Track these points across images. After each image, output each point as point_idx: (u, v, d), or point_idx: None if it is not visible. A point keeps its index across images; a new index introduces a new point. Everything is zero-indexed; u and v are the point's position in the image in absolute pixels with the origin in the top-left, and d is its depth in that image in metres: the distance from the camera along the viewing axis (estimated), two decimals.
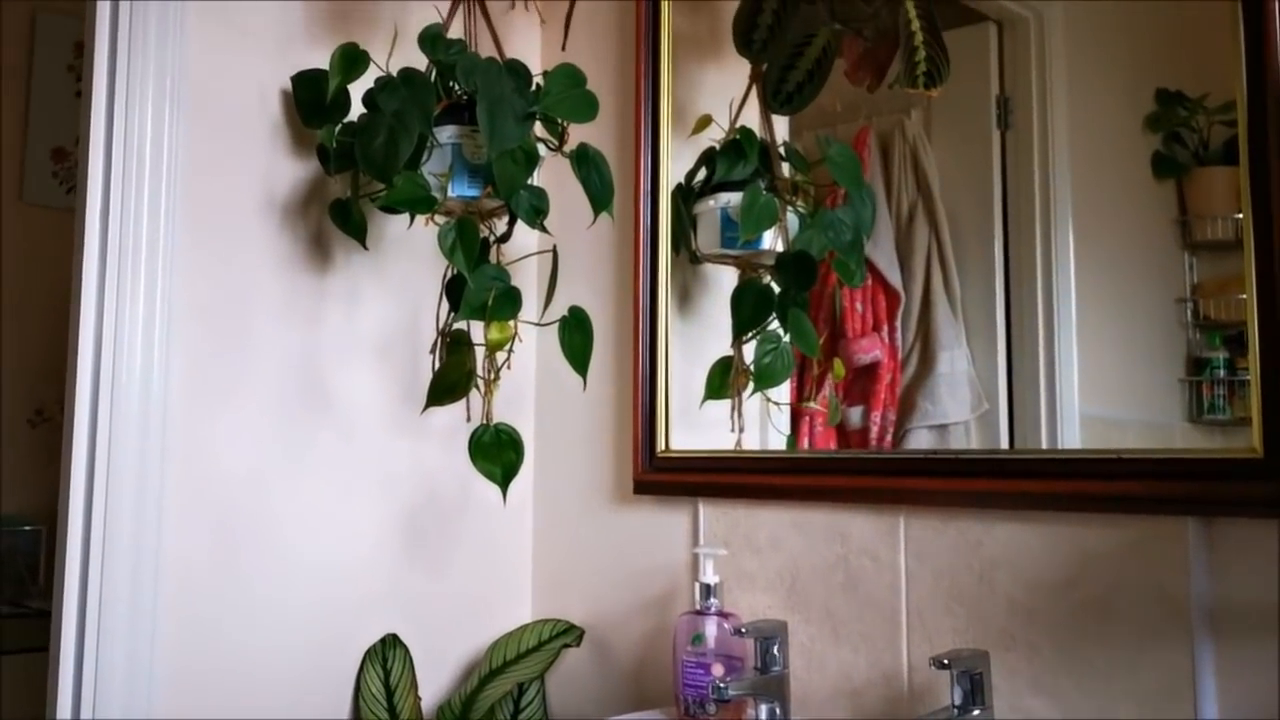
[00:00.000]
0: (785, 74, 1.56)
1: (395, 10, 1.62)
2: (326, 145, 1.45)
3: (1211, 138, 1.31)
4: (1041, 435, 1.43)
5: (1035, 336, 1.45)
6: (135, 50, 1.45)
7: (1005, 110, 1.52)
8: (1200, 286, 1.33)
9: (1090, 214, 1.43)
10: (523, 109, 1.36)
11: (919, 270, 1.57)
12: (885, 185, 1.60)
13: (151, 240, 1.44)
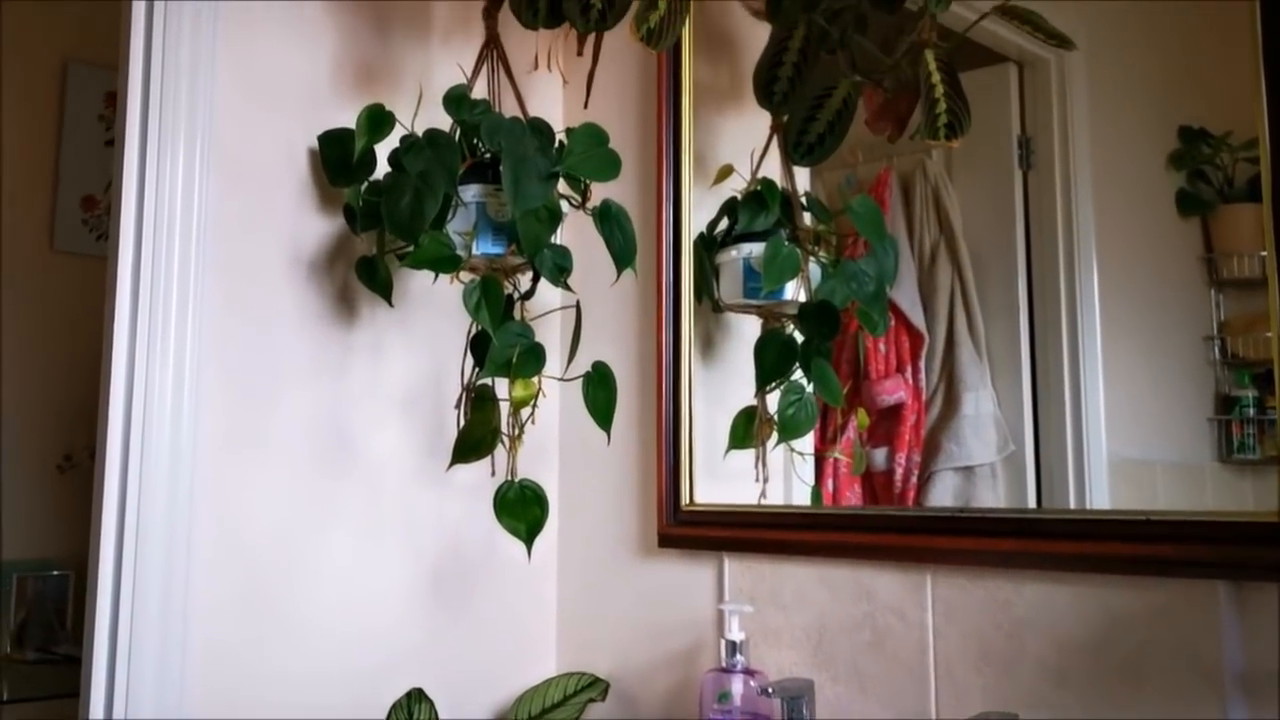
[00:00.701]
0: (806, 125, 1.57)
1: (420, 70, 1.65)
2: (353, 205, 1.48)
3: (1236, 175, 1.31)
4: (1069, 479, 1.42)
5: (1061, 377, 1.44)
6: (166, 109, 1.48)
7: (1027, 150, 1.52)
8: (1227, 324, 1.33)
9: (1115, 253, 1.43)
10: (546, 168, 1.37)
11: (942, 310, 1.57)
12: (907, 225, 1.60)
13: (181, 294, 1.47)
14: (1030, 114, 1.52)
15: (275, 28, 1.58)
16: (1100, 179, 1.44)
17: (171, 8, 1.49)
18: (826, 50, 1.60)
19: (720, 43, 1.75)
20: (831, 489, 1.60)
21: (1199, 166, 1.35)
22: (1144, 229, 1.42)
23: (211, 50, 1.52)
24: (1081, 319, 1.43)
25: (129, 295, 1.45)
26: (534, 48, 1.52)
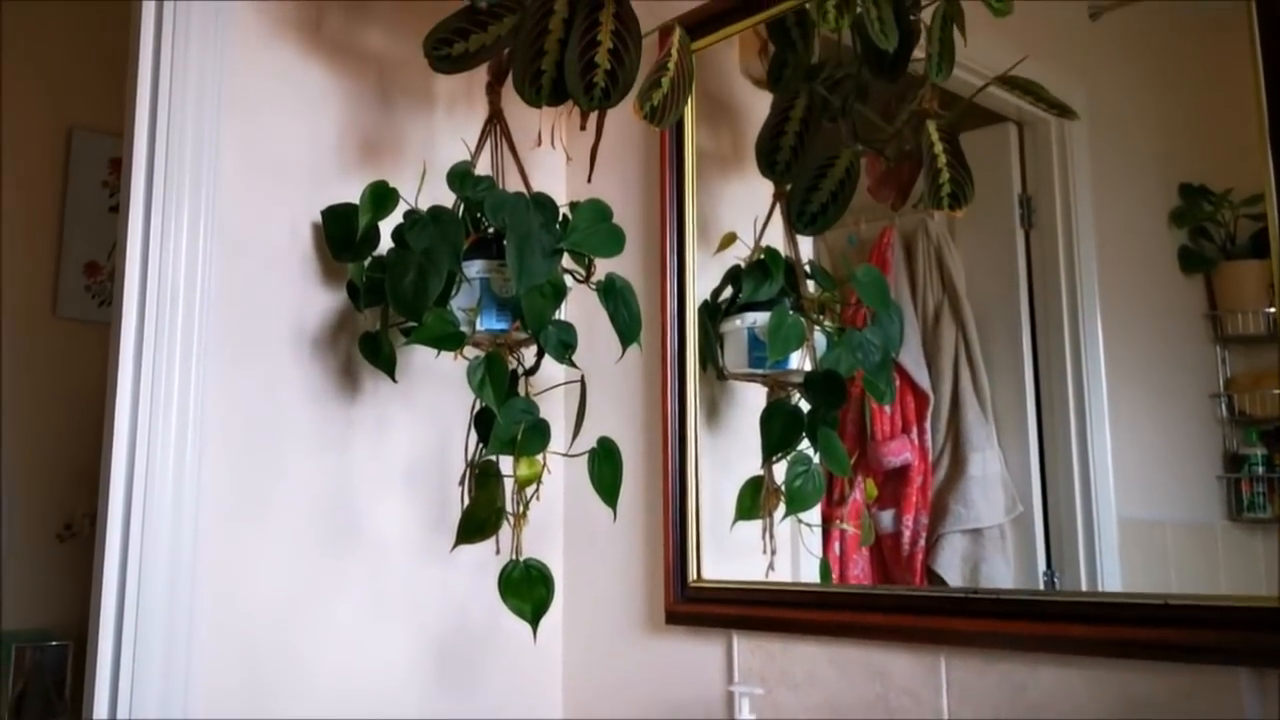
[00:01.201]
0: (809, 195, 1.57)
1: (423, 143, 1.66)
2: (356, 282, 1.48)
3: (1238, 231, 1.31)
4: (1079, 541, 1.40)
5: (1068, 436, 1.43)
6: (171, 183, 1.49)
7: (1028, 209, 1.52)
8: (1234, 381, 1.32)
9: (1119, 311, 1.42)
10: (550, 244, 1.37)
11: (947, 370, 1.56)
12: (910, 285, 1.60)
13: (184, 366, 1.46)
14: (1031, 173, 1.52)
15: (279, 101, 1.59)
16: (1102, 237, 1.44)
17: (176, 80, 1.51)
18: (828, 119, 1.61)
19: (722, 110, 1.76)
20: (839, 552, 1.59)
21: (1201, 223, 1.35)
22: (1147, 287, 1.41)
23: (215, 124, 1.52)
24: (1087, 378, 1.42)
25: (131, 366, 1.45)
26: (537, 122, 1.53)
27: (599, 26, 1.34)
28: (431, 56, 1.42)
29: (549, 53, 1.36)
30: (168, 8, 1.53)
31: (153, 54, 1.53)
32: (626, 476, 1.47)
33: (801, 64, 1.63)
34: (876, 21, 1.53)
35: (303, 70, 1.61)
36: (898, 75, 1.54)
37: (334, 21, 1.66)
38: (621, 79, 1.34)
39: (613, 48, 1.34)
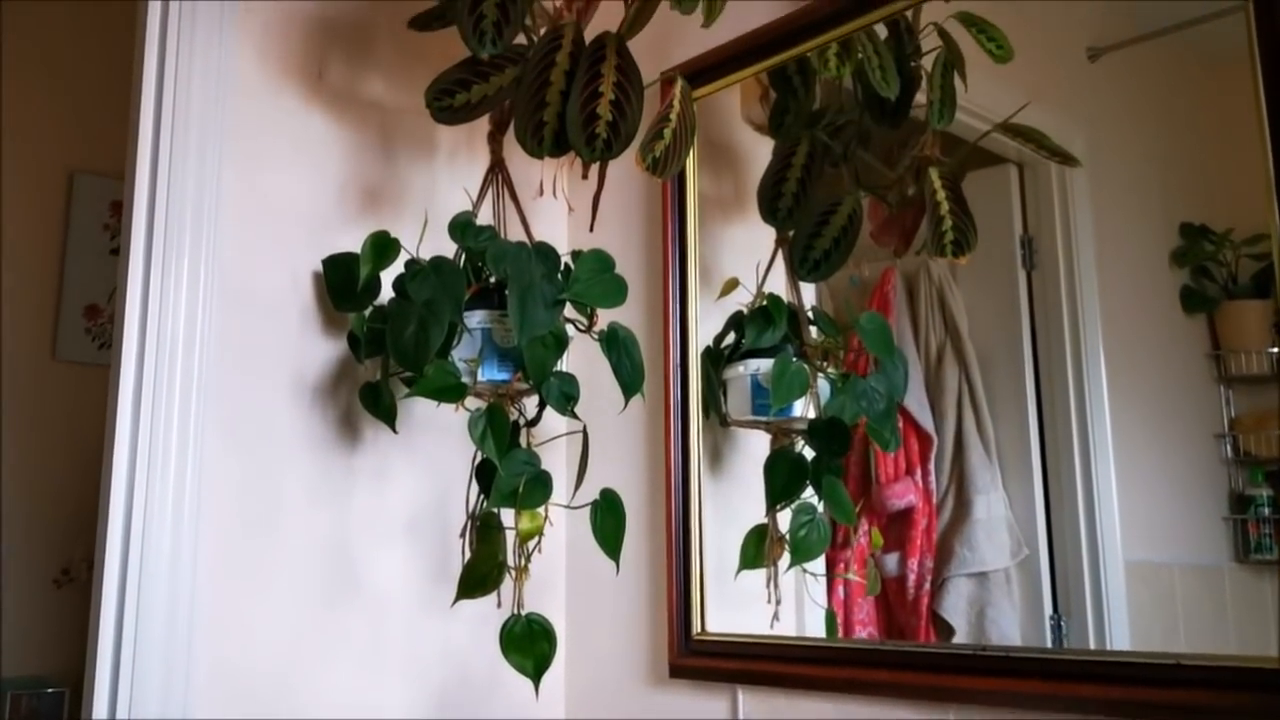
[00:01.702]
0: (811, 241, 1.57)
1: (425, 192, 1.66)
2: (357, 333, 1.47)
3: (1240, 271, 1.30)
4: (1085, 585, 1.39)
5: (1073, 478, 1.42)
6: (172, 230, 1.50)
7: (1030, 250, 1.52)
8: (1238, 421, 1.31)
9: (1121, 351, 1.41)
10: (552, 295, 1.37)
11: (950, 412, 1.55)
12: (912, 326, 1.59)
13: (183, 413, 1.46)
14: (1032, 214, 1.52)
15: (281, 149, 1.59)
16: (1104, 277, 1.43)
17: (178, 128, 1.51)
18: (830, 164, 1.61)
19: (724, 154, 1.76)
20: (843, 595, 1.57)
21: (1202, 263, 1.35)
22: (1150, 327, 1.41)
23: (216, 171, 1.53)
24: (1091, 418, 1.41)
25: (130, 412, 1.44)
26: (539, 171, 1.52)
27: (601, 78, 1.34)
28: (433, 107, 1.42)
29: (551, 104, 1.36)
30: (170, 55, 1.53)
31: (155, 102, 1.53)
32: (629, 526, 1.46)
33: (803, 111, 1.63)
34: (878, 69, 1.54)
35: (304, 118, 1.61)
36: (899, 122, 1.54)
37: (336, 70, 1.66)
38: (623, 130, 1.34)
39: (614, 99, 1.34)
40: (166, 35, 1.55)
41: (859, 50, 1.54)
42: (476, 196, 1.53)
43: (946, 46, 1.48)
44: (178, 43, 1.54)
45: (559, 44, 1.37)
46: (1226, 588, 1.28)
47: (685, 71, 1.68)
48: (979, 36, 1.46)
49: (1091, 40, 1.43)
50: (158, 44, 1.55)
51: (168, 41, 1.54)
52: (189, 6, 1.55)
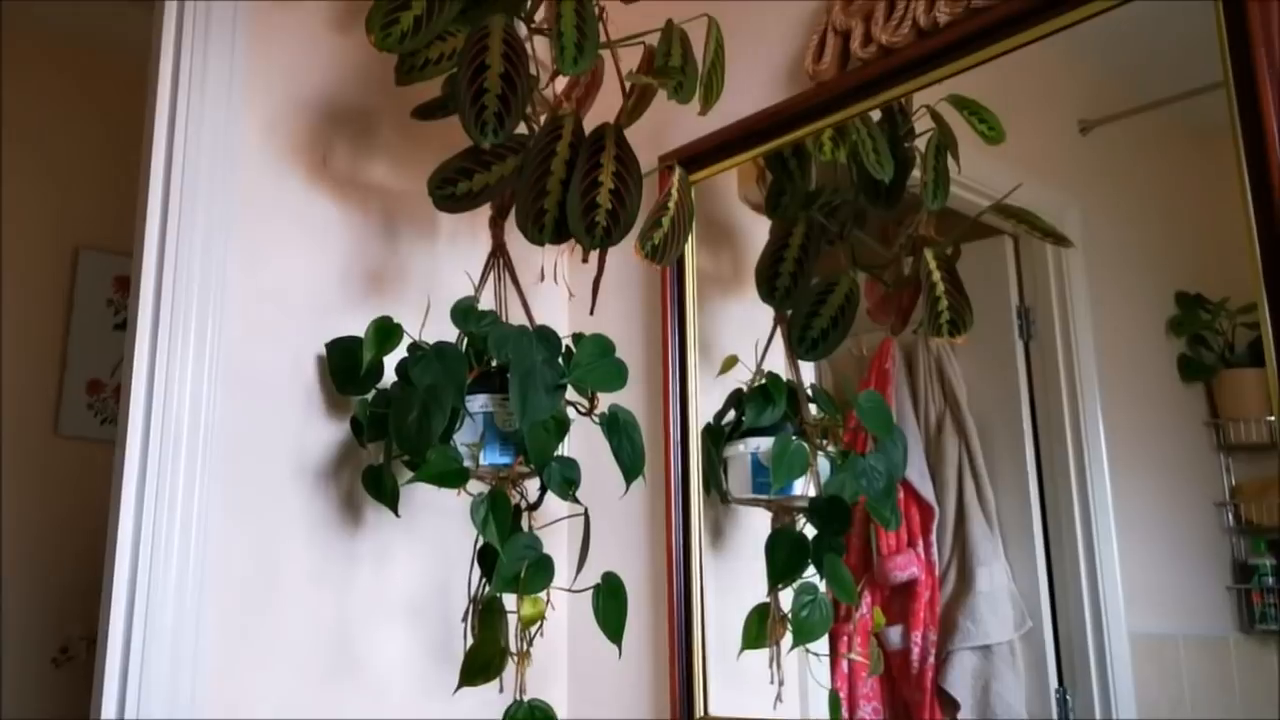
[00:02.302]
0: (809, 321, 1.58)
1: (427, 277, 1.68)
2: (360, 418, 1.48)
3: (1236, 339, 1.31)
4: (1090, 657, 1.39)
5: (1075, 548, 1.42)
6: (178, 313, 1.52)
7: (1027, 320, 1.53)
8: (1239, 489, 1.31)
9: (1121, 420, 1.42)
10: (553, 380, 1.38)
11: (951, 482, 1.55)
12: (911, 396, 1.60)
13: (187, 495, 1.47)
14: (1028, 284, 1.53)
15: (285, 233, 1.61)
16: (1102, 346, 1.44)
17: (185, 212, 1.54)
18: (827, 242, 1.63)
19: (722, 232, 1.79)
20: (847, 670, 1.56)
21: (1199, 331, 1.36)
22: (1148, 395, 1.41)
23: (222, 255, 1.55)
24: (1091, 488, 1.41)
25: (134, 492, 1.45)
26: (540, 255, 1.55)
27: (600, 168, 1.36)
28: (435, 196, 1.44)
29: (551, 192, 1.39)
30: (179, 137, 1.56)
31: (163, 182, 1.56)
32: (631, 608, 1.46)
33: (799, 192, 1.66)
34: (872, 153, 1.56)
35: (308, 203, 1.64)
36: (894, 203, 1.56)
37: (340, 155, 1.69)
38: (623, 218, 1.37)
39: (614, 188, 1.36)
40: (175, 117, 1.58)
41: (853, 133, 1.57)
42: (478, 280, 1.55)
43: (939, 128, 1.51)
44: (186, 125, 1.58)
45: (559, 134, 1.40)
46: (1232, 658, 1.28)
47: (682, 157, 1.71)
48: (970, 119, 1.49)
49: (1083, 113, 1.45)
50: (166, 126, 1.58)
51: (176, 123, 1.58)
52: (198, 90, 1.58)
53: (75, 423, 2.85)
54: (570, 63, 1.36)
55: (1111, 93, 1.43)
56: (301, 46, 1.68)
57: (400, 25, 1.37)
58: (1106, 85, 1.43)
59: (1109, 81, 1.43)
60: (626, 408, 1.47)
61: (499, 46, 1.38)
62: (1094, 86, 1.43)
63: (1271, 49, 1.15)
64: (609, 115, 1.49)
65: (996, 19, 1.37)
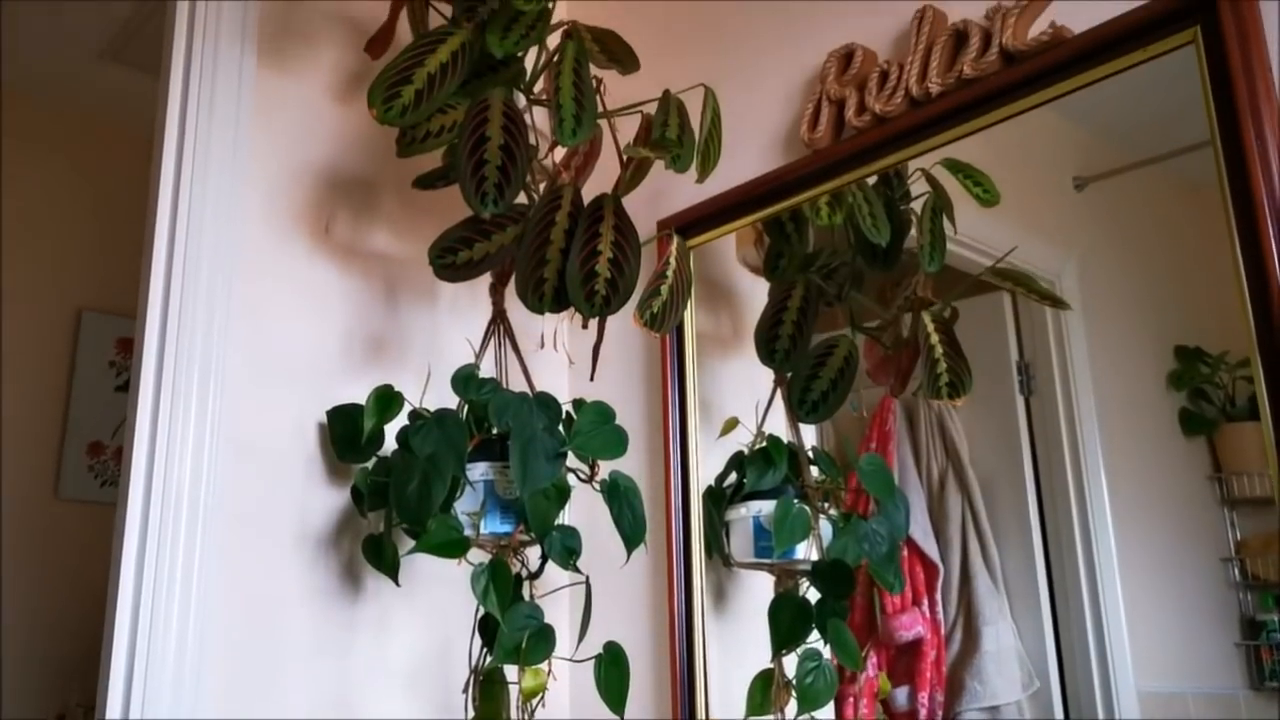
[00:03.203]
0: (809, 383, 1.59)
1: (428, 343, 1.69)
2: (360, 487, 1.48)
3: (1237, 393, 1.31)
4: (1099, 717, 1.37)
5: (1081, 605, 1.41)
6: (180, 380, 1.52)
7: (1027, 375, 1.53)
8: (1244, 544, 1.30)
9: (1123, 475, 1.41)
10: (554, 448, 1.38)
11: (955, 540, 1.55)
12: (914, 452, 1.60)
13: (187, 564, 1.47)
14: (1027, 339, 1.53)
15: (287, 300, 1.62)
16: (1102, 401, 1.44)
17: (189, 278, 1.55)
18: (825, 303, 1.64)
19: (721, 293, 1.80)
20: None
21: (1199, 385, 1.36)
22: (1150, 450, 1.41)
23: (225, 322, 1.56)
24: (1096, 545, 1.41)
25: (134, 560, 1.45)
26: (540, 322, 1.55)
27: (599, 237, 1.38)
28: (436, 265, 1.45)
29: (551, 261, 1.40)
30: (183, 205, 1.58)
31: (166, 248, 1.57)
32: (634, 675, 1.45)
33: (797, 254, 1.67)
34: (868, 216, 1.58)
35: (311, 269, 1.65)
36: (891, 265, 1.57)
37: (342, 221, 1.71)
38: (622, 286, 1.38)
39: (612, 257, 1.37)
40: (180, 184, 1.60)
41: (849, 198, 1.59)
42: (479, 347, 1.56)
43: (934, 191, 1.52)
44: (190, 191, 1.59)
45: (558, 204, 1.42)
46: (1242, 715, 1.26)
47: (680, 222, 1.73)
48: (965, 182, 1.50)
49: (1078, 169, 1.47)
50: (171, 192, 1.60)
51: (181, 190, 1.59)
52: (202, 157, 1.60)
53: (76, 486, 2.85)
54: (569, 134, 1.37)
55: (1105, 149, 1.45)
56: (304, 116, 1.71)
57: (402, 99, 1.39)
58: (1100, 142, 1.45)
59: (1102, 138, 1.45)
60: (627, 474, 1.47)
61: (499, 119, 1.40)
62: (1088, 143, 1.45)
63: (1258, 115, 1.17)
64: (608, 181, 1.50)
65: (987, 90, 1.39)
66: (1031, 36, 1.35)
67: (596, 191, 1.51)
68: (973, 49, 1.40)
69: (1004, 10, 1.37)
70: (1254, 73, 1.17)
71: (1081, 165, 1.46)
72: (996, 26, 1.38)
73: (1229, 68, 1.18)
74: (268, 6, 1.71)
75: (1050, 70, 1.34)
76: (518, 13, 1.42)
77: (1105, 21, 1.29)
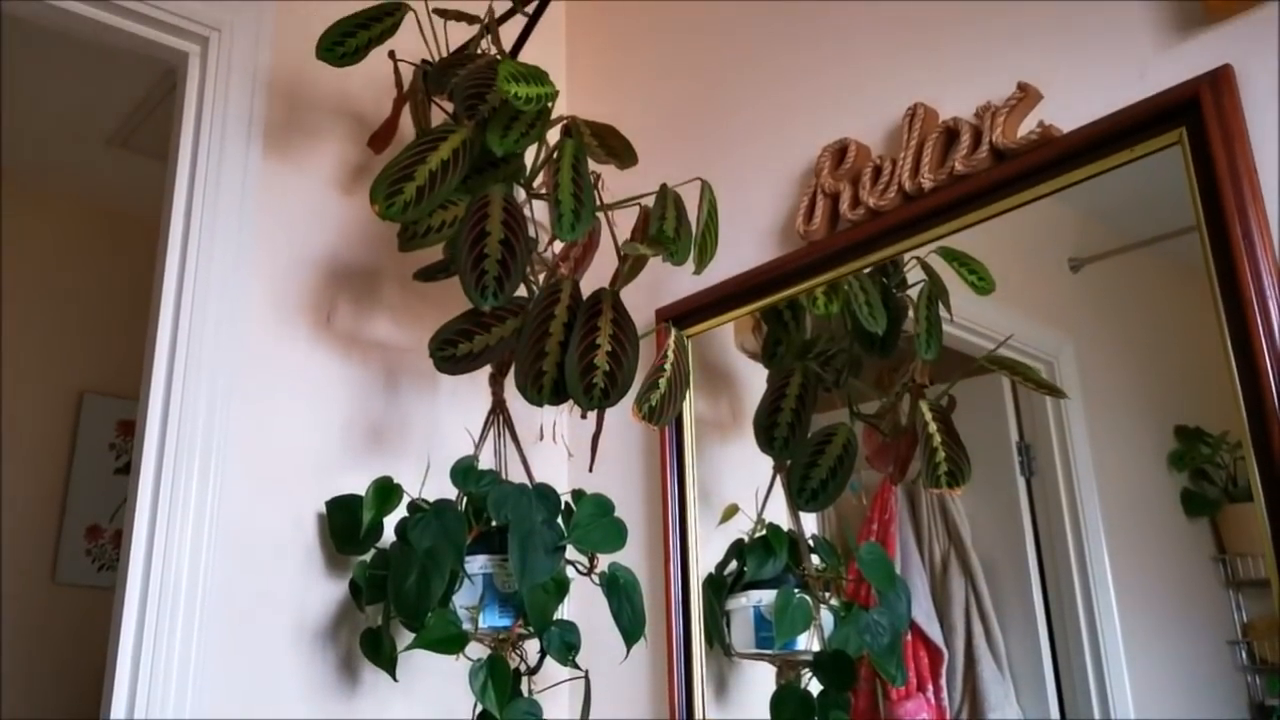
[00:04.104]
0: (809, 471, 1.59)
1: (427, 432, 1.70)
2: (359, 581, 1.48)
3: (1238, 473, 1.30)
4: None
5: (1087, 690, 1.39)
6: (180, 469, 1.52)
7: (1028, 456, 1.52)
8: (1251, 627, 1.28)
9: (1126, 557, 1.40)
10: (553, 541, 1.38)
11: (959, 623, 1.53)
12: (915, 534, 1.59)
13: (184, 656, 1.47)
14: (1027, 420, 1.54)
15: (288, 390, 1.63)
16: (1103, 481, 1.44)
17: (191, 369, 1.56)
18: (823, 389, 1.65)
19: (719, 378, 1.81)
20: None
21: (1200, 466, 1.35)
22: (1153, 531, 1.40)
23: (226, 412, 1.57)
24: (1101, 627, 1.39)
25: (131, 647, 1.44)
26: (540, 412, 1.56)
27: (598, 331, 1.39)
28: (436, 357, 1.46)
29: (550, 354, 1.41)
30: (187, 293, 1.60)
31: (169, 341, 1.59)
32: None
33: (794, 342, 1.68)
34: (865, 305, 1.59)
35: (312, 358, 1.67)
36: (889, 352, 1.58)
37: (344, 311, 1.72)
38: (620, 379, 1.39)
39: (611, 350, 1.38)
40: (185, 272, 1.62)
41: (846, 286, 1.60)
42: (479, 437, 1.56)
43: (930, 279, 1.54)
44: (195, 280, 1.62)
45: (557, 297, 1.43)
46: None
47: (678, 311, 1.75)
48: (961, 270, 1.52)
49: (1072, 251, 1.48)
50: (176, 280, 1.62)
51: (185, 278, 1.62)
52: (207, 246, 1.63)
53: (73, 570, 2.83)
54: (568, 230, 1.40)
55: (1100, 231, 1.46)
56: (308, 206, 1.73)
57: (403, 196, 1.42)
58: (1094, 224, 1.46)
59: (1096, 220, 1.46)
60: (626, 565, 1.47)
61: (499, 214, 1.42)
62: (1082, 225, 1.46)
63: (1244, 216, 1.19)
64: (606, 272, 1.52)
65: (979, 186, 1.41)
66: (1021, 135, 1.37)
67: (595, 282, 1.53)
68: (964, 145, 1.42)
69: (993, 109, 1.40)
70: (1239, 173, 1.19)
71: (1076, 247, 1.48)
72: (986, 124, 1.40)
73: (1215, 169, 1.21)
74: (274, 98, 1.75)
75: (1040, 168, 1.37)
76: (518, 112, 1.45)
77: (1092, 122, 1.32)
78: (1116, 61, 1.33)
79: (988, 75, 1.45)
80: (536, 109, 1.42)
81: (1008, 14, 1.46)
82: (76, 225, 3.16)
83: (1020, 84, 1.39)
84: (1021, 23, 1.44)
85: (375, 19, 1.59)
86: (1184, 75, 1.25)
